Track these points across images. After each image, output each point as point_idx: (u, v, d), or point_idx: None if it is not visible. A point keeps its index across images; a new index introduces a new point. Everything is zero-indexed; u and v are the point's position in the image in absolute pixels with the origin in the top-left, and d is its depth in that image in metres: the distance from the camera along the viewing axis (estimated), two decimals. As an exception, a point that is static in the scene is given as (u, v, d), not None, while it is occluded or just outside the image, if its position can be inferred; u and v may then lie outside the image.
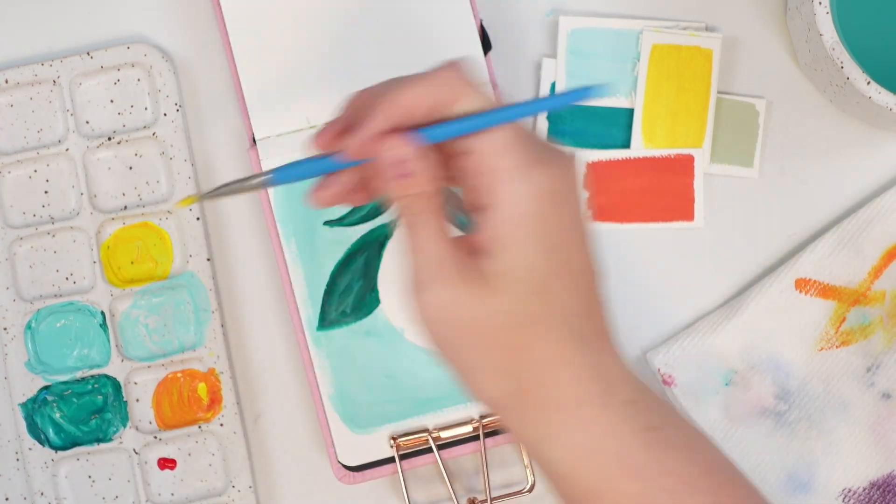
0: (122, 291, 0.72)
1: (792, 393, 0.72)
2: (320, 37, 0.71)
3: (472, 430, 0.71)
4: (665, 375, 0.71)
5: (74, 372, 0.72)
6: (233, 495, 0.72)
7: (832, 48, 0.66)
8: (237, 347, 0.73)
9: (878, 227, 0.71)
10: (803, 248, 0.72)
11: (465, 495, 0.73)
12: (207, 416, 0.72)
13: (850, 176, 0.73)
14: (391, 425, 0.71)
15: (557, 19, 0.73)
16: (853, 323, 0.72)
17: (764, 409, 0.72)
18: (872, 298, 0.72)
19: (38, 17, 0.73)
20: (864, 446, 0.71)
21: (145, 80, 0.72)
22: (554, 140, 0.72)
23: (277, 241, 0.71)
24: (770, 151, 0.73)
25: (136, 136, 0.72)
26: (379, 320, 0.71)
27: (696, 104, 0.72)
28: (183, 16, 0.73)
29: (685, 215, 0.73)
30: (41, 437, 0.72)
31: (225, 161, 0.73)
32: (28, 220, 0.72)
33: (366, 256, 0.71)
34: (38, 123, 0.72)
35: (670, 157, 0.73)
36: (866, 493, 0.71)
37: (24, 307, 0.72)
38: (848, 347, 0.72)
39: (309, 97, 0.71)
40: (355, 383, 0.71)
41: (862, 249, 0.71)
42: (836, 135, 0.73)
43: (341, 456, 0.71)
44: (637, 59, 0.73)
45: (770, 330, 0.72)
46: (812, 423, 0.71)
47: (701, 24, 0.73)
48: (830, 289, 0.72)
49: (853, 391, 0.71)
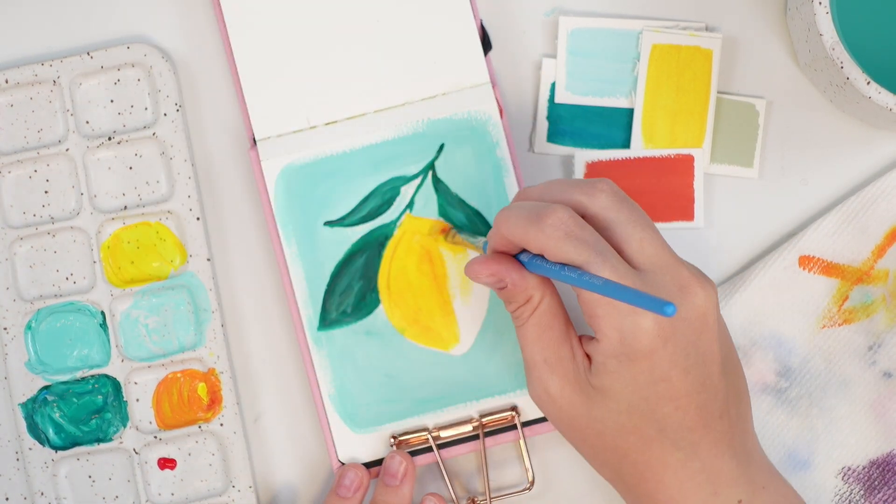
0: (123, 291, 0.72)
1: (793, 370, 0.72)
2: (320, 37, 0.71)
3: (472, 430, 0.71)
4: None
5: (74, 372, 0.72)
6: (233, 495, 0.72)
7: (832, 48, 0.66)
8: (237, 347, 0.73)
9: (882, 206, 0.72)
10: (807, 226, 0.72)
11: (465, 495, 0.73)
12: (207, 416, 0.72)
13: (850, 176, 0.73)
14: (391, 425, 0.71)
15: (557, 19, 0.73)
16: (856, 301, 0.72)
17: (765, 386, 0.72)
18: (876, 277, 0.72)
19: (38, 17, 0.73)
20: (865, 425, 0.71)
21: (145, 80, 0.72)
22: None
23: (277, 241, 0.71)
24: (770, 151, 0.73)
25: (136, 136, 0.72)
26: (379, 320, 0.71)
27: (696, 104, 0.72)
28: (183, 16, 0.73)
29: (685, 215, 0.73)
30: (41, 436, 0.72)
31: (225, 161, 0.73)
32: (28, 220, 0.72)
33: (366, 256, 0.71)
34: (38, 123, 0.72)
35: (670, 157, 0.73)
36: (866, 471, 0.71)
37: (24, 307, 0.72)
38: (850, 326, 0.72)
39: (309, 97, 0.71)
40: (355, 383, 0.71)
41: (866, 228, 0.72)
42: (836, 135, 0.73)
43: (342, 455, 0.71)
44: (637, 59, 0.73)
45: (773, 307, 0.72)
46: (813, 401, 0.71)
47: (701, 24, 0.73)
48: (834, 267, 0.72)
49: (854, 369, 0.72)
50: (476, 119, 0.71)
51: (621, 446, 0.62)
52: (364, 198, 0.71)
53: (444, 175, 0.71)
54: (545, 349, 0.63)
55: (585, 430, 0.63)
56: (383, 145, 0.71)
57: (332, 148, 0.71)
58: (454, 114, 0.71)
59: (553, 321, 0.63)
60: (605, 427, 0.62)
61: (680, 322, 0.60)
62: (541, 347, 0.63)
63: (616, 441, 0.62)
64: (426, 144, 0.71)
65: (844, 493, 0.71)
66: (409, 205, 0.71)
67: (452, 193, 0.71)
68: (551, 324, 0.63)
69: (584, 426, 0.62)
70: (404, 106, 0.71)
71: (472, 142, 0.71)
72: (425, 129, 0.71)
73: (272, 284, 0.73)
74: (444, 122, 0.71)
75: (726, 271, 0.73)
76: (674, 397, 0.61)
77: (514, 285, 0.63)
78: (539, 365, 0.63)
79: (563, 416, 0.63)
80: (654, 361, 0.60)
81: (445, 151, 0.71)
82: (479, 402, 0.71)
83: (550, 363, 0.63)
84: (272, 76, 0.71)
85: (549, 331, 0.63)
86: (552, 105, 0.73)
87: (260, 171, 0.71)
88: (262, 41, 0.71)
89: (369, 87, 0.71)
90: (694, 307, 0.61)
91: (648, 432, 0.61)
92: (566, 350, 0.63)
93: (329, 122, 0.71)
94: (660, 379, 0.60)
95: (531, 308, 0.63)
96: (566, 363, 0.62)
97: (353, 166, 0.71)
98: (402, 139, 0.71)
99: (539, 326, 0.63)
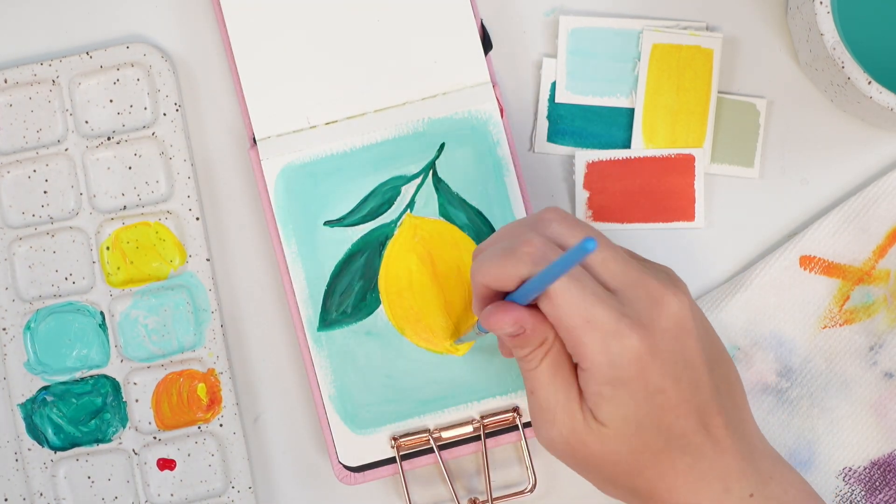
0: (122, 292, 0.72)
1: (794, 370, 0.72)
2: (320, 36, 0.71)
3: (473, 431, 0.71)
4: None
5: (74, 372, 0.71)
6: (232, 496, 0.71)
7: (833, 48, 0.66)
8: (237, 347, 0.73)
9: (883, 206, 0.72)
10: (808, 226, 0.72)
11: (466, 496, 0.72)
12: (207, 417, 0.72)
13: (851, 176, 0.73)
14: (392, 425, 0.71)
15: (558, 19, 0.73)
16: (857, 301, 0.72)
17: (766, 386, 0.72)
18: (877, 277, 0.72)
19: (38, 16, 0.73)
20: (866, 425, 0.71)
21: (145, 79, 0.72)
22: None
23: (277, 241, 0.71)
24: (771, 151, 0.73)
25: (136, 136, 0.72)
26: (379, 320, 0.71)
27: (697, 104, 0.72)
28: (183, 16, 0.73)
29: (685, 215, 0.73)
30: (40, 437, 0.71)
31: (225, 161, 0.73)
32: (27, 220, 0.72)
33: (366, 256, 0.71)
34: (38, 123, 0.72)
35: (671, 156, 0.73)
36: (867, 471, 0.71)
37: (23, 307, 0.71)
38: (851, 326, 0.72)
39: (309, 97, 0.71)
40: (356, 383, 0.71)
41: (867, 228, 0.72)
42: (837, 134, 0.73)
43: (342, 456, 0.71)
44: (637, 58, 0.73)
45: (773, 307, 0.72)
46: (814, 401, 0.71)
47: (701, 23, 0.73)
48: (835, 267, 0.72)
49: (855, 370, 0.72)
50: (476, 118, 0.71)
51: (635, 467, 0.62)
52: (364, 197, 0.71)
53: (445, 174, 0.71)
54: (559, 391, 0.62)
55: (602, 464, 0.62)
56: (383, 145, 0.71)
57: (332, 147, 0.71)
58: (454, 113, 0.71)
59: (565, 359, 0.62)
60: (619, 456, 0.61)
61: (661, 334, 0.60)
62: (555, 389, 0.61)
63: (630, 464, 0.62)
64: (426, 144, 0.71)
65: (845, 494, 0.71)
66: (409, 204, 0.71)
67: (453, 193, 0.71)
68: (563, 362, 0.62)
69: (600, 461, 0.62)
70: (405, 105, 0.71)
71: (473, 141, 0.71)
72: (426, 128, 0.71)
73: (272, 284, 0.73)
74: (445, 121, 0.71)
75: (726, 271, 0.73)
76: (672, 406, 0.61)
77: (534, 328, 0.61)
78: (552, 408, 0.62)
79: (577, 456, 0.62)
80: (647, 377, 0.60)
81: (446, 151, 0.71)
82: (480, 402, 0.71)
83: (562, 405, 0.62)
84: (272, 76, 0.71)
85: (562, 369, 0.62)
86: (552, 105, 0.73)
87: (260, 171, 0.71)
88: (262, 41, 0.71)
89: (369, 87, 0.71)
90: (671, 316, 0.61)
91: (657, 445, 0.61)
92: (575, 390, 0.62)
93: (329, 121, 0.71)
94: (656, 392, 0.60)
95: (545, 350, 0.61)
96: (573, 403, 0.62)
97: (353, 166, 0.71)
98: (403, 138, 0.71)
99: (553, 366, 0.62)
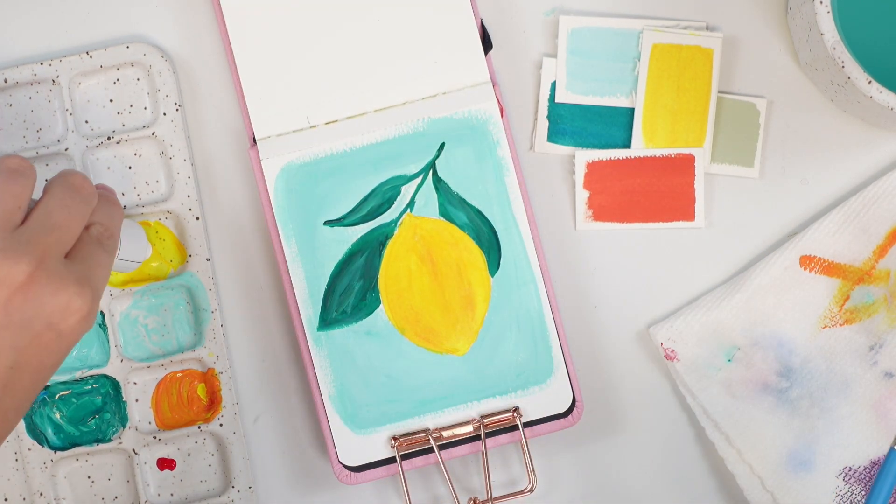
0: (122, 291, 0.72)
1: (794, 370, 0.72)
2: (320, 36, 0.71)
3: (473, 431, 0.71)
4: (668, 350, 0.71)
5: (73, 372, 0.71)
6: (232, 496, 0.71)
7: (833, 47, 0.66)
8: (237, 347, 0.73)
9: (883, 205, 0.72)
10: (808, 226, 0.72)
11: (466, 496, 0.72)
12: (207, 417, 0.72)
13: (851, 175, 0.73)
14: (392, 425, 0.71)
15: (558, 19, 0.73)
16: (857, 301, 0.72)
17: (766, 386, 0.72)
18: (877, 277, 0.72)
19: (38, 16, 0.73)
20: (866, 425, 0.71)
21: (145, 79, 0.72)
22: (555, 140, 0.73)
23: (277, 241, 0.71)
24: (771, 151, 0.73)
25: (136, 136, 0.72)
26: (379, 320, 0.71)
27: (697, 104, 0.72)
28: (183, 16, 0.73)
29: (685, 215, 0.73)
30: (40, 437, 0.71)
31: (225, 160, 0.73)
32: (27, 220, 0.72)
33: (366, 256, 0.71)
34: (38, 123, 0.72)
35: (671, 156, 0.73)
36: (867, 471, 0.71)
37: (23, 307, 0.72)
38: (851, 326, 0.72)
39: (309, 96, 0.71)
40: (356, 383, 0.71)
41: (868, 228, 0.72)
42: (837, 134, 0.73)
43: (342, 456, 0.71)
44: (637, 58, 0.73)
45: (773, 306, 0.72)
46: (814, 401, 0.71)
47: (701, 23, 0.73)
48: (835, 266, 0.72)
49: (856, 370, 0.72)
50: (476, 118, 0.71)
51: None
52: (364, 197, 0.71)
53: (445, 174, 0.71)
54: None
55: None
56: (384, 144, 0.71)
57: (332, 147, 0.71)
58: (455, 113, 0.71)
59: None
60: None
61: None
62: None
63: None
64: (427, 143, 0.71)
65: (846, 494, 0.71)
66: (409, 204, 0.71)
67: (453, 192, 0.71)
68: None
69: None
70: (405, 105, 0.71)
71: (473, 141, 0.71)
72: (426, 128, 0.71)
73: (272, 284, 0.73)
74: (445, 121, 0.71)
75: (727, 271, 0.73)
76: None
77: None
78: None
79: None
80: None
81: (446, 150, 0.71)
82: (480, 402, 0.71)
83: None
84: (272, 75, 0.71)
85: None
86: (552, 104, 0.73)
87: (260, 171, 0.71)
88: (262, 40, 0.71)
89: (369, 87, 0.71)
90: None
91: None
92: None
93: (329, 121, 0.71)
94: None
95: None
96: None
97: (353, 165, 0.71)
98: (403, 138, 0.71)
99: None
